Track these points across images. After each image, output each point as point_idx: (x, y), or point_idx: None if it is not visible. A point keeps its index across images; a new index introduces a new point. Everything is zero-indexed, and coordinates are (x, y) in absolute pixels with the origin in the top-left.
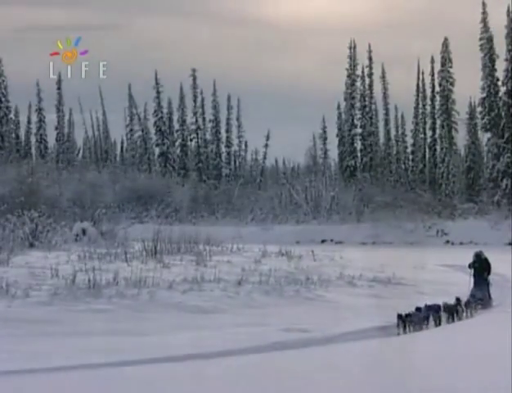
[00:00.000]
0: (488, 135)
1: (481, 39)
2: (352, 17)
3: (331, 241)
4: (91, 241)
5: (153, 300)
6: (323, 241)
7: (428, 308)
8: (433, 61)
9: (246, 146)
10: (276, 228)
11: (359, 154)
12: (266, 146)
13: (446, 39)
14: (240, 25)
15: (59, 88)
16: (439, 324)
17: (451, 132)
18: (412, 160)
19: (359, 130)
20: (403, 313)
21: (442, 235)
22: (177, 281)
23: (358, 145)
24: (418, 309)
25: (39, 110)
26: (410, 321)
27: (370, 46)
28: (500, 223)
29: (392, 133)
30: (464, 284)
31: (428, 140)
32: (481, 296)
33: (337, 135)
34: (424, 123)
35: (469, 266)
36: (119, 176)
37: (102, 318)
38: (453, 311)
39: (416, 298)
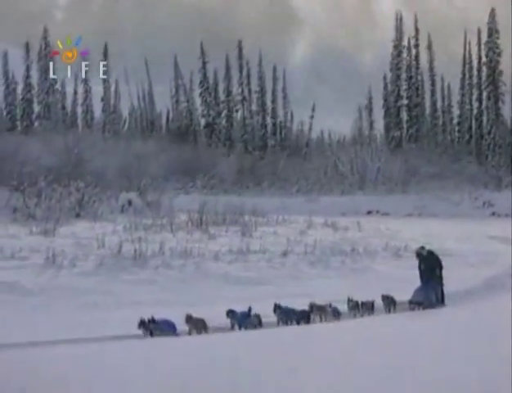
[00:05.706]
0: None
1: None
2: None
3: (377, 212)
4: (137, 212)
5: (199, 270)
6: (369, 213)
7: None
8: (479, 32)
9: (292, 117)
10: (322, 199)
11: (405, 125)
12: (311, 117)
13: (493, 10)
14: None
15: (105, 59)
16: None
17: (497, 103)
18: (458, 131)
19: (405, 101)
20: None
21: (488, 206)
22: (223, 251)
23: (404, 116)
24: (230, 311)
25: (85, 81)
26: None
27: (416, 16)
28: None
29: (439, 104)
30: (509, 255)
31: (475, 111)
32: (420, 300)
33: (383, 106)
34: (471, 94)
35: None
36: (164, 147)
37: (148, 288)
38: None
39: (463, 270)
